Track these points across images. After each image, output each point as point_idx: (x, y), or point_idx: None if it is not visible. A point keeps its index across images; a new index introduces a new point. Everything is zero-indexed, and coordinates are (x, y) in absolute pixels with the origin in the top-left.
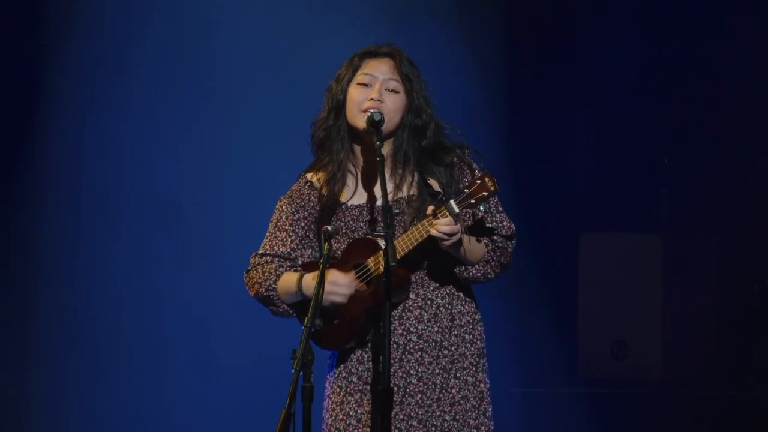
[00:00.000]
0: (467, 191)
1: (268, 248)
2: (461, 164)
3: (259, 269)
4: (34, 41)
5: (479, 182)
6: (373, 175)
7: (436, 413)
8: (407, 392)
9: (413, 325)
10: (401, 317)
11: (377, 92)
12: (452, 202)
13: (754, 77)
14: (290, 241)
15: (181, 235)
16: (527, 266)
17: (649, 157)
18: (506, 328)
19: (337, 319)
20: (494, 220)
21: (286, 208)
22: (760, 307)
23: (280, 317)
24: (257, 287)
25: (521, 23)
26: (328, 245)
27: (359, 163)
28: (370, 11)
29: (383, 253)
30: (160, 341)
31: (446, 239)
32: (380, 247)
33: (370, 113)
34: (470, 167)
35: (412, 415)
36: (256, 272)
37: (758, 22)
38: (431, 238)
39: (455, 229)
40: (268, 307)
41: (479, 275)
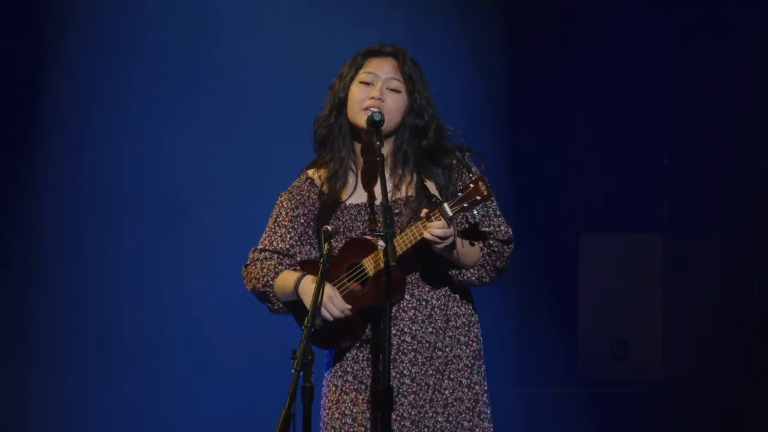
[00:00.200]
0: (461, 195)
1: (266, 243)
2: (460, 167)
3: (258, 265)
4: (34, 41)
5: (473, 186)
6: (373, 174)
7: (428, 414)
8: (400, 392)
9: (407, 325)
10: (395, 318)
11: (378, 91)
12: (446, 205)
13: (754, 77)
14: (289, 237)
15: (181, 235)
16: (527, 266)
17: (649, 157)
18: (506, 328)
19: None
20: (491, 223)
21: (286, 204)
22: (760, 307)
23: (276, 314)
24: (255, 282)
25: (521, 23)
26: (328, 245)
27: (359, 161)
28: (370, 11)
29: (383, 253)
30: (160, 341)
31: (439, 242)
32: (376, 247)
33: (370, 113)
34: (469, 170)
35: (405, 415)
36: (254, 267)
37: (758, 22)
38: (425, 240)
39: (448, 232)
40: (264, 303)
41: (474, 279)
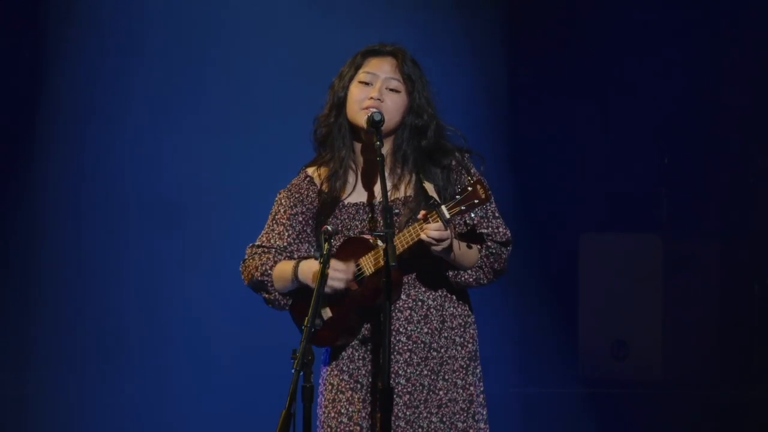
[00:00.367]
0: (459, 197)
1: (264, 240)
2: (459, 168)
3: (255, 258)
4: (34, 41)
5: (471, 189)
6: (372, 173)
7: (423, 415)
8: (395, 392)
9: (402, 325)
10: (391, 317)
11: (377, 91)
12: (443, 207)
13: (754, 77)
14: (287, 235)
15: (182, 235)
16: (527, 266)
17: (649, 157)
18: (506, 328)
19: (328, 316)
20: (490, 225)
21: (284, 201)
22: (760, 307)
23: (272, 307)
24: (252, 271)
25: (521, 23)
26: (327, 245)
27: (359, 161)
28: (370, 11)
29: (383, 252)
30: (160, 341)
31: (435, 244)
32: (373, 247)
33: (370, 113)
34: (468, 172)
35: (399, 415)
36: (252, 261)
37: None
38: (422, 241)
39: (445, 234)
40: (260, 293)
41: (471, 280)
